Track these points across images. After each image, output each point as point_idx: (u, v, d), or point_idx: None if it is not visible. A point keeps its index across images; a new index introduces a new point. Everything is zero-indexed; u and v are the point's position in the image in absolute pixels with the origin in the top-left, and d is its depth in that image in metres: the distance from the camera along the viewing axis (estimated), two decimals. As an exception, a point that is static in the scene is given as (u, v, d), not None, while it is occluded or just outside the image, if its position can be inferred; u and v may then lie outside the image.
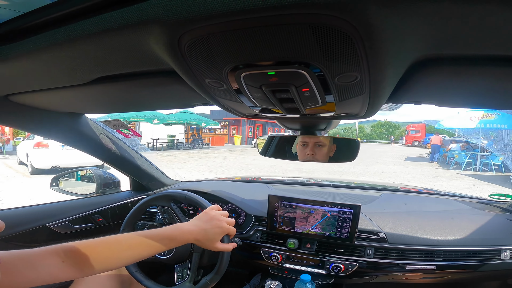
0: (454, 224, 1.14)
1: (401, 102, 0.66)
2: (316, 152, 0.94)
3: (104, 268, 0.66)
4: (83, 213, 1.25)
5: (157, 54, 0.43)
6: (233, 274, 1.58)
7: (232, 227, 0.85)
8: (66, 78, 0.59)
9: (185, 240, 0.77)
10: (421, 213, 1.24)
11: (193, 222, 0.81)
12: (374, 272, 1.08)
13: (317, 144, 0.95)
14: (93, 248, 0.65)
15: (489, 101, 0.62)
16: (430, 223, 1.15)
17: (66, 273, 0.60)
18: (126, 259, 0.69)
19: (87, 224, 1.27)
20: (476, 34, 0.33)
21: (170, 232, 0.75)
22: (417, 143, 29.71)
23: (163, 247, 0.74)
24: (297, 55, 0.37)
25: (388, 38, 0.33)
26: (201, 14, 0.31)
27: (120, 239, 0.69)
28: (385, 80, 0.45)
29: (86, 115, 1.09)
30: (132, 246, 0.69)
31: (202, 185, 1.56)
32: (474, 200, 1.41)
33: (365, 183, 2.20)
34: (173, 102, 0.84)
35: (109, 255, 0.66)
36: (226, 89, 0.51)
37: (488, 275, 1.09)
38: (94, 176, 1.37)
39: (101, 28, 0.37)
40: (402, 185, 1.92)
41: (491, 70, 0.43)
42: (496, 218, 1.21)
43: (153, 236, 0.72)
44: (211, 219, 0.81)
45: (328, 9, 0.28)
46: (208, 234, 0.79)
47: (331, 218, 1.09)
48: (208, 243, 0.79)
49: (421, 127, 31.79)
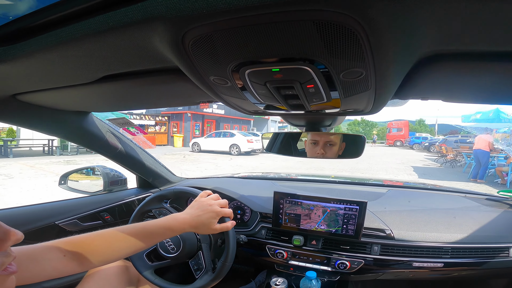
0: (462, 221, 1.12)
1: (408, 98, 0.65)
2: (327, 151, 0.94)
3: (104, 260, 0.67)
4: (91, 210, 1.27)
5: (161, 52, 0.43)
6: (239, 271, 1.59)
7: (226, 208, 0.86)
8: (72, 77, 0.59)
9: (182, 229, 0.78)
10: (429, 210, 1.23)
11: (186, 211, 0.82)
12: (380, 269, 1.08)
13: (328, 143, 0.94)
14: (91, 241, 0.66)
15: (498, 96, 0.61)
16: (437, 220, 1.14)
17: (68, 267, 0.61)
18: (125, 250, 0.70)
19: (95, 221, 1.29)
20: (485, 29, 0.32)
21: (165, 222, 0.77)
22: (400, 143, 26.71)
23: (161, 237, 0.77)
24: (302, 51, 0.37)
25: (394, 34, 0.32)
26: (205, 11, 0.31)
27: (117, 231, 0.70)
28: (391, 76, 0.45)
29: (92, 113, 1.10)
30: (129, 237, 0.70)
31: (207, 182, 1.57)
32: (482, 197, 1.39)
33: (371, 179, 2.18)
34: (178, 99, 0.84)
35: (107, 247, 0.67)
36: (231, 86, 0.51)
37: (496, 273, 1.08)
38: (102, 174, 1.39)
39: (106, 27, 0.37)
40: (411, 181, 1.89)
41: (499, 65, 0.42)
42: (505, 215, 1.19)
43: (149, 227, 0.74)
44: (202, 205, 0.83)
45: (332, 5, 0.28)
46: (202, 219, 0.80)
47: (337, 214, 1.08)
48: (204, 228, 0.81)
49: (404, 125, 28.27)
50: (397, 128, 28.21)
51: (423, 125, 47.86)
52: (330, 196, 1.11)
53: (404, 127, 27.92)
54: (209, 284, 0.98)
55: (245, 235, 1.22)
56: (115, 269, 1.03)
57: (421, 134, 28.74)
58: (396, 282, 1.26)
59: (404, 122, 28.59)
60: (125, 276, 1.05)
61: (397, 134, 27.69)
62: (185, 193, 1.09)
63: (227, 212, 0.85)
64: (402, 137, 27.07)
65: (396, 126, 28.64)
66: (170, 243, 1.04)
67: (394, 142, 27.52)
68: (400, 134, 27.48)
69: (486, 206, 1.28)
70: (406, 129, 28.02)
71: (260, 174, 1.88)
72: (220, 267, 0.98)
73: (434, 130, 39.83)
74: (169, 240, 1.04)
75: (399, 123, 28.82)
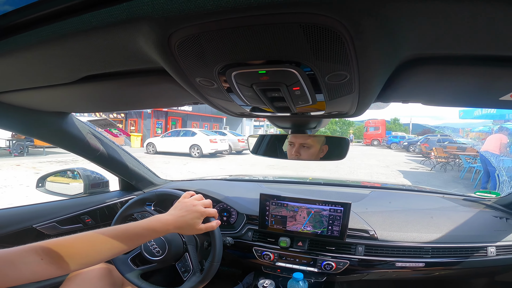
0: (440, 221, 1.16)
1: (389, 101, 0.67)
2: (302, 153, 0.96)
3: (84, 263, 0.65)
4: (71, 213, 1.23)
5: (146, 53, 0.42)
6: (226, 274, 1.58)
7: (211, 208, 0.86)
8: (52, 76, 0.58)
9: (165, 230, 0.77)
10: (410, 211, 1.26)
11: (170, 212, 0.82)
12: (365, 270, 1.10)
13: (302, 145, 0.96)
14: (71, 244, 0.64)
15: (475, 100, 0.64)
16: (418, 220, 1.17)
17: (47, 270, 0.59)
18: (106, 253, 0.68)
19: (75, 225, 1.24)
20: (463, 33, 0.33)
21: (148, 223, 0.75)
22: (377, 142, 25.40)
23: (144, 239, 0.75)
24: (288, 54, 0.37)
25: (378, 37, 0.33)
26: (192, 12, 0.30)
27: (97, 233, 0.68)
28: (374, 79, 0.46)
29: (73, 114, 1.06)
30: (110, 239, 0.68)
31: (193, 184, 1.56)
32: (459, 197, 1.44)
33: (355, 180, 2.23)
34: (163, 101, 0.83)
35: (87, 250, 0.65)
36: (217, 88, 0.51)
37: (476, 272, 1.11)
38: (82, 176, 1.35)
39: (88, 27, 0.36)
40: (392, 182, 1.94)
41: (476, 70, 0.44)
42: (482, 214, 1.23)
43: (132, 229, 0.72)
44: (186, 205, 0.82)
45: (319, 9, 0.28)
46: (187, 219, 0.79)
47: (322, 216, 1.10)
48: (189, 228, 0.80)
49: (381, 123, 27.20)
50: (374, 127, 27.32)
51: (397, 124, 46.66)
52: (315, 198, 1.12)
53: (381, 125, 27.18)
54: (198, 285, 0.97)
55: (232, 237, 1.21)
56: (97, 272, 1.00)
57: (397, 133, 28.28)
58: (380, 282, 1.28)
59: (381, 121, 28.02)
60: (108, 279, 1.02)
61: (374, 133, 26.84)
62: (168, 195, 1.07)
63: (211, 212, 0.85)
64: (379, 136, 26.19)
65: (373, 124, 27.70)
66: (155, 246, 1.02)
67: (371, 141, 26.77)
68: (377, 133, 26.64)
69: (464, 206, 1.32)
70: (383, 127, 27.41)
71: (247, 176, 1.87)
72: (208, 267, 0.97)
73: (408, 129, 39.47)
74: (154, 243, 1.02)
75: (376, 122, 28.07)
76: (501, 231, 1.11)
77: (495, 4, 0.27)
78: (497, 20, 0.30)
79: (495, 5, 0.27)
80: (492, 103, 0.64)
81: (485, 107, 0.69)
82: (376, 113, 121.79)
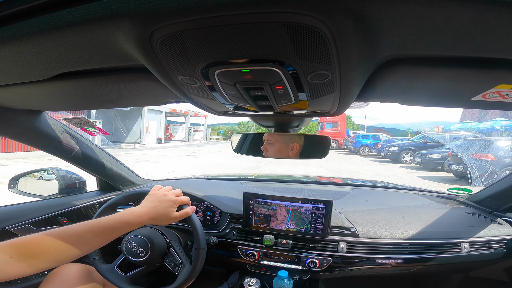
0: (415, 218, 1.20)
1: (369, 100, 0.69)
2: (268, 149, 0.98)
3: (56, 260, 0.63)
4: (46, 215, 1.18)
5: (126, 50, 0.41)
6: (211, 273, 1.57)
7: (183, 196, 0.87)
8: (24, 74, 0.54)
9: (139, 222, 0.76)
10: (387, 208, 1.30)
11: (142, 204, 0.82)
12: (348, 266, 1.12)
13: (268, 141, 0.99)
14: (39, 241, 0.62)
15: (448, 100, 0.66)
16: (395, 217, 1.21)
17: (17, 269, 0.57)
18: (78, 248, 0.66)
19: (50, 226, 1.19)
20: (438, 35, 0.34)
21: (121, 216, 0.74)
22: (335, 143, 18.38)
23: (118, 233, 0.73)
24: (272, 53, 0.37)
25: (359, 38, 0.34)
26: (175, 9, 0.29)
27: (68, 229, 0.66)
28: (355, 79, 0.47)
29: (46, 112, 1.01)
30: (82, 235, 0.66)
31: (174, 183, 1.53)
32: (434, 194, 1.50)
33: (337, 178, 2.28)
34: (144, 99, 0.81)
35: (58, 246, 0.63)
36: (200, 87, 0.50)
37: (452, 268, 1.15)
38: (57, 176, 1.29)
39: (64, 23, 0.34)
40: (372, 180, 2.00)
41: (450, 71, 0.46)
42: (455, 211, 1.29)
43: (104, 223, 0.71)
44: (157, 196, 0.83)
45: (302, 8, 0.28)
46: (160, 209, 0.80)
47: (305, 214, 1.11)
48: (163, 218, 0.80)
49: (340, 119, 19.65)
50: (332, 123, 19.68)
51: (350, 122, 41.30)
52: (298, 196, 1.13)
53: (340, 121, 19.77)
54: (192, 275, 0.96)
55: (216, 236, 1.20)
56: (75, 273, 0.96)
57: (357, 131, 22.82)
58: (363, 278, 1.31)
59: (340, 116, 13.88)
60: (87, 280, 0.99)
61: (331, 132, 19.09)
62: (137, 195, 1.04)
63: (184, 200, 0.86)
64: (339, 135, 19.10)
65: (330, 120, 19.36)
66: (136, 246, 0.99)
67: (328, 143, 20.19)
68: (335, 131, 19.23)
69: (438, 203, 1.38)
70: (343, 124, 20.23)
71: (230, 175, 1.86)
72: (196, 255, 0.96)
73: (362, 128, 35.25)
74: (135, 244, 0.99)
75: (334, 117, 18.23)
76: (474, 227, 1.15)
77: (467, 8, 0.28)
78: (468, 23, 0.31)
79: (467, 9, 0.28)
80: (464, 103, 0.67)
81: (458, 107, 0.72)
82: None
